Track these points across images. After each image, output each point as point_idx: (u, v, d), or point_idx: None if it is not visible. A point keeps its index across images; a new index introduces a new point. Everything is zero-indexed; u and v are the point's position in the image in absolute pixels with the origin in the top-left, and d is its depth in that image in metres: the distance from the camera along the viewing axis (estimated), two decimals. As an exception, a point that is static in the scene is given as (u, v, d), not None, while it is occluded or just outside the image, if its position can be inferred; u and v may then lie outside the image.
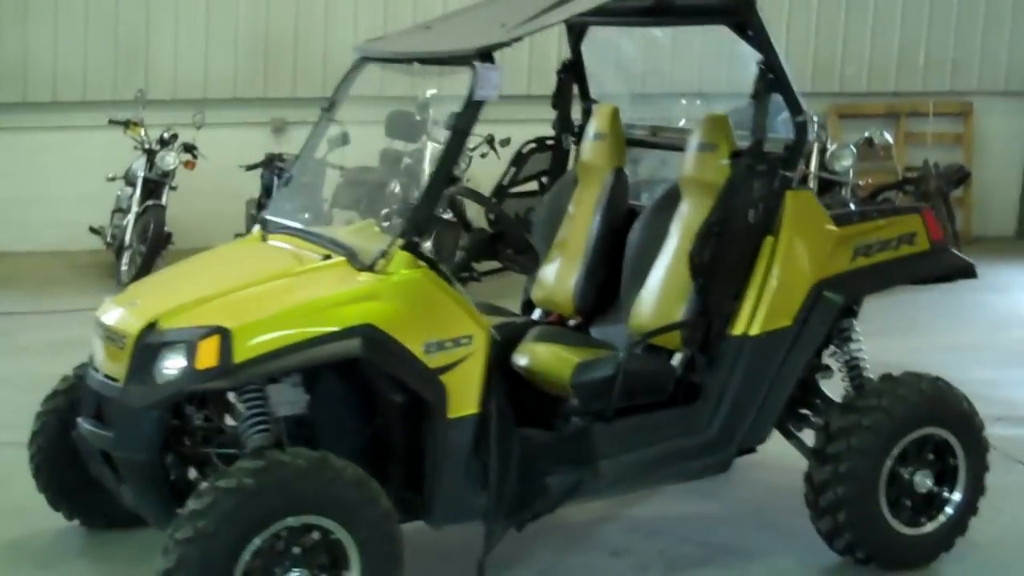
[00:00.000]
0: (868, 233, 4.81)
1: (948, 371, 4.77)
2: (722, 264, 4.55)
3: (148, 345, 4.04)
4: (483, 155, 9.99)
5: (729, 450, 4.63)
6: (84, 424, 4.36)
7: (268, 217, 4.91)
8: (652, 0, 4.83)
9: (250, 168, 9.75)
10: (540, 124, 10.03)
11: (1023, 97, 12.66)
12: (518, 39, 4.25)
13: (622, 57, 5.85)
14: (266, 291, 4.18)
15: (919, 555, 4.76)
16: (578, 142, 5.48)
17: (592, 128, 5.32)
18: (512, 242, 4.38)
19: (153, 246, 9.20)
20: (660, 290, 4.75)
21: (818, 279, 4.67)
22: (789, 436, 5.02)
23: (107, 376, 4.21)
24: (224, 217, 9.93)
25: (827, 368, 5.09)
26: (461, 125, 4.17)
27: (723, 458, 4.63)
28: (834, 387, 5.05)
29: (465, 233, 4.61)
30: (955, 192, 11.30)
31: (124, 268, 9.39)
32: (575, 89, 5.52)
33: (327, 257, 4.30)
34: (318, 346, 3.95)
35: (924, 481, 4.72)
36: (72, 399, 4.81)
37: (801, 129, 4.63)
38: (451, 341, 4.11)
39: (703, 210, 4.68)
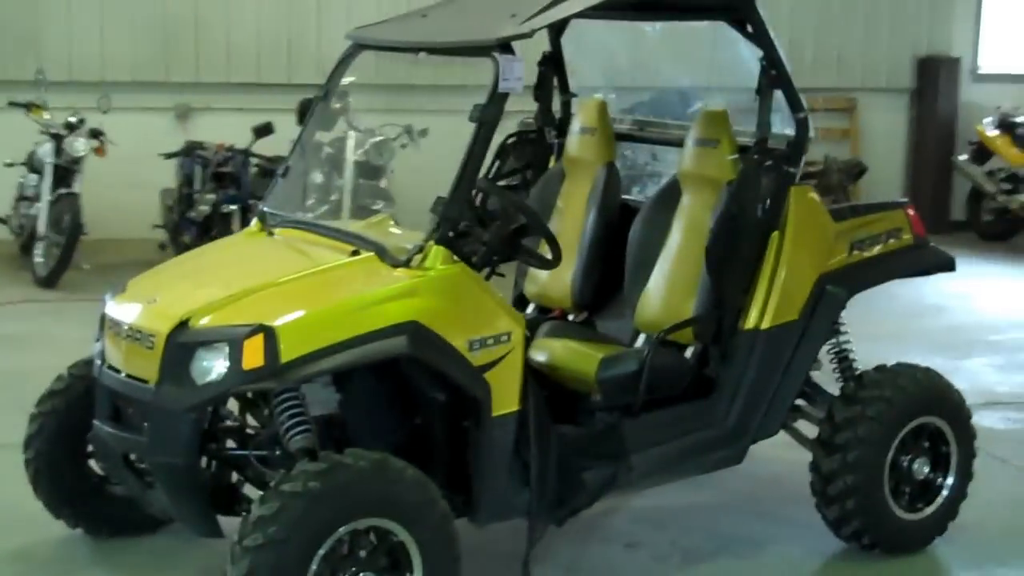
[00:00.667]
0: (861, 228, 4.94)
1: (880, 361, 4.95)
2: (736, 258, 4.61)
3: (183, 344, 3.90)
4: (403, 146, 9.99)
5: (744, 442, 4.71)
6: (103, 427, 4.21)
7: (268, 210, 4.81)
8: None
9: (168, 156, 9.47)
10: (454, 115, 10.07)
11: (901, 93, 13.13)
12: (535, 30, 4.21)
13: (601, 50, 5.85)
14: (300, 288, 4.06)
15: (917, 539, 4.91)
16: (559, 136, 5.51)
17: (578, 122, 5.33)
18: (540, 236, 4.36)
19: (71, 237, 8.87)
20: (668, 285, 4.80)
21: (821, 273, 4.78)
22: (785, 427, 5.13)
23: (131, 376, 4.06)
24: (135, 207, 9.64)
25: (817, 360, 5.20)
26: (487, 117, 4.11)
27: (738, 450, 4.72)
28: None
29: (483, 229, 4.56)
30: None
31: (39, 260, 9.05)
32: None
33: (355, 253, 4.21)
34: (365, 344, 3.87)
35: (922, 468, 4.88)
36: (69, 400, 4.67)
37: (802, 125, 4.72)
38: (492, 338, 4.07)
39: (706, 205, 4.75)
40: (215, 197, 9.25)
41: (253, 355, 3.80)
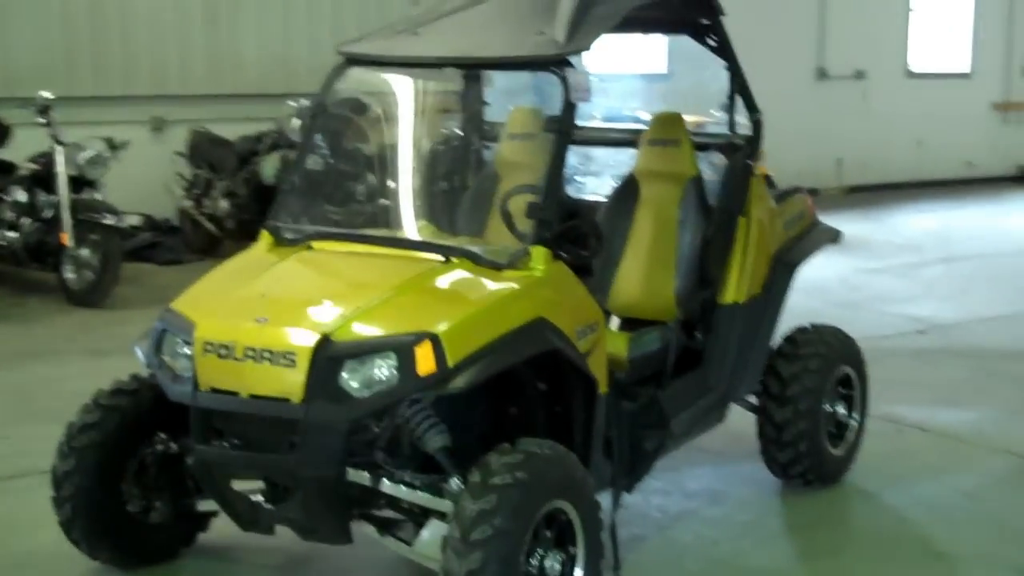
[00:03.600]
0: (786, 210, 5.79)
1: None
2: (723, 242, 5.30)
3: (334, 358, 4.00)
4: (105, 158, 9.85)
5: (728, 403, 5.42)
6: (209, 450, 4.21)
7: (279, 224, 4.86)
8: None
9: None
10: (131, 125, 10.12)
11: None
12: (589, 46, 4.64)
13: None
14: (427, 295, 4.25)
15: (840, 471, 5.82)
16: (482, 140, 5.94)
17: (512, 128, 5.77)
18: (592, 234, 4.78)
19: None
20: (644, 270, 5.36)
21: (773, 251, 5.57)
22: None
23: (257, 396, 4.08)
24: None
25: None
26: (564, 128, 4.52)
27: (725, 410, 5.41)
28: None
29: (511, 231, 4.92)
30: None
31: None
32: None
33: (446, 260, 4.44)
34: (513, 344, 4.13)
35: (840, 410, 5.80)
36: (107, 433, 4.57)
37: (757, 125, 5.49)
38: (589, 327, 4.48)
39: (672, 198, 5.36)
40: None
41: (426, 361, 3.97)
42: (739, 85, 5.38)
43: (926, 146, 17.31)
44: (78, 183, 9.66)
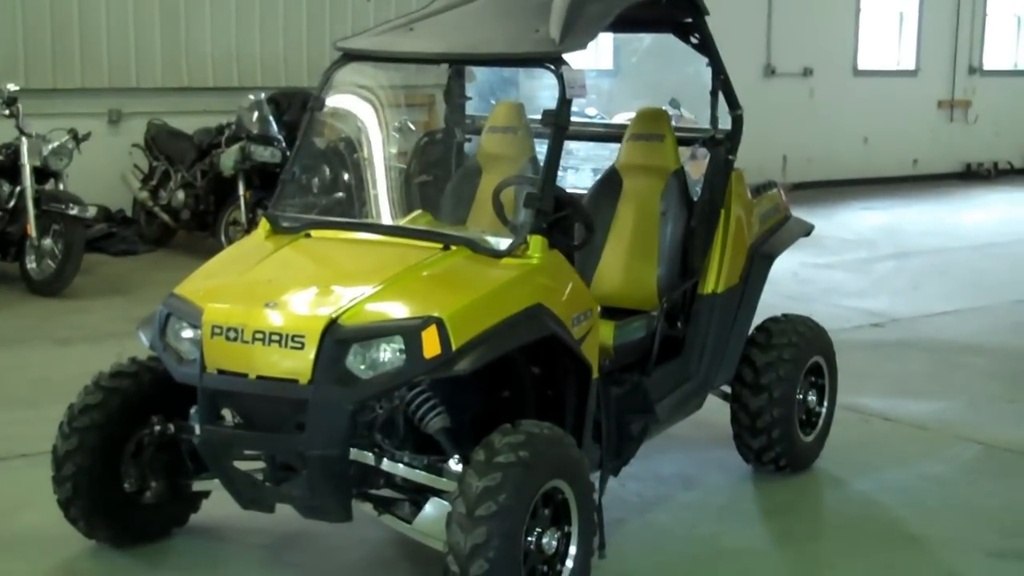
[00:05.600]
0: (761, 205, 5.94)
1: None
2: (705, 233, 5.45)
3: (341, 341, 4.11)
4: (69, 150, 9.88)
5: (708, 390, 5.56)
6: (226, 431, 4.33)
7: (279, 213, 4.96)
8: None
9: None
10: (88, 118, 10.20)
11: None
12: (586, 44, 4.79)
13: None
14: (428, 281, 4.35)
15: (811, 458, 5.99)
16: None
17: (495, 122, 5.88)
18: (582, 223, 4.90)
19: None
20: (626, 260, 5.49)
21: (750, 243, 5.73)
22: None
23: (264, 378, 4.17)
24: None
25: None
26: (560, 122, 4.63)
27: (704, 397, 5.56)
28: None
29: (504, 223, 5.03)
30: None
31: None
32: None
33: (445, 248, 4.55)
34: (513, 329, 4.26)
35: (811, 398, 5.96)
36: (109, 413, 4.66)
37: (737, 121, 5.64)
38: (583, 314, 4.62)
39: (654, 191, 5.51)
40: None
41: (432, 344, 4.08)
42: (721, 82, 5.52)
43: (872, 143, 17.63)
44: (41, 174, 9.71)
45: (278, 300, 4.29)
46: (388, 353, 4.11)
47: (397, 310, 4.20)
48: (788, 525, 5.46)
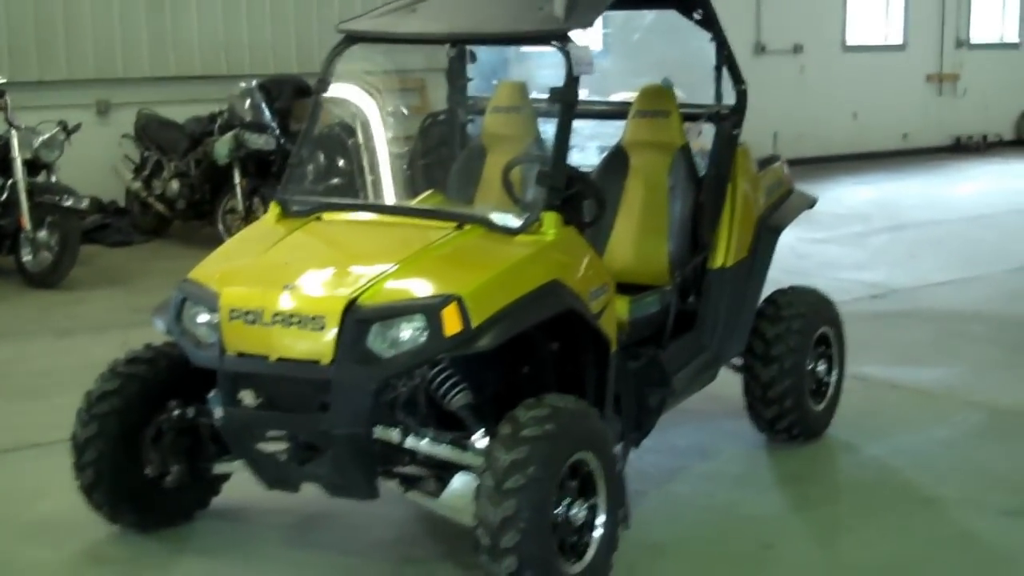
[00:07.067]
0: (766, 177, 5.97)
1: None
2: (714, 207, 5.48)
3: (362, 321, 4.13)
4: (60, 141, 9.90)
5: (720, 363, 5.59)
6: (249, 412, 4.35)
7: (288, 197, 4.97)
8: None
9: None
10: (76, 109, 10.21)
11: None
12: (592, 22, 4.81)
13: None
14: (445, 260, 4.37)
15: (822, 426, 6.03)
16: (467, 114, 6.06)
17: (498, 102, 5.90)
18: (593, 199, 4.92)
19: None
20: (638, 235, 5.51)
21: (758, 216, 5.76)
22: None
23: (285, 359, 4.19)
24: None
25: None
26: (568, 98, 4.65)
27: (717, 369, 5.59)
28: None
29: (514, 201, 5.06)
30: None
31: None
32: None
33: (459, 227, 4.57)
34: (531, 305, 4.28)
35: (820, 367, 6.00)
36: (128, 399, 4.67)
37: (742, 95, 5.66)
38: (599, 289, 4.65)
39: (662, 167, 5.54)
40: None
41: (452, 322, 4.11)
42: (725, 57, 5.54)
43: (862, 118, 17.66)
44: (33, 166, 9.71)
45: (296, 282, 4.30)
46: (409, 332, 4.13)
47: (416, 289, 4.22)
48: (804, 491, 5.51)
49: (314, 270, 4.41)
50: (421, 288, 4.22)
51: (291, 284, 4.29)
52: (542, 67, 7.89)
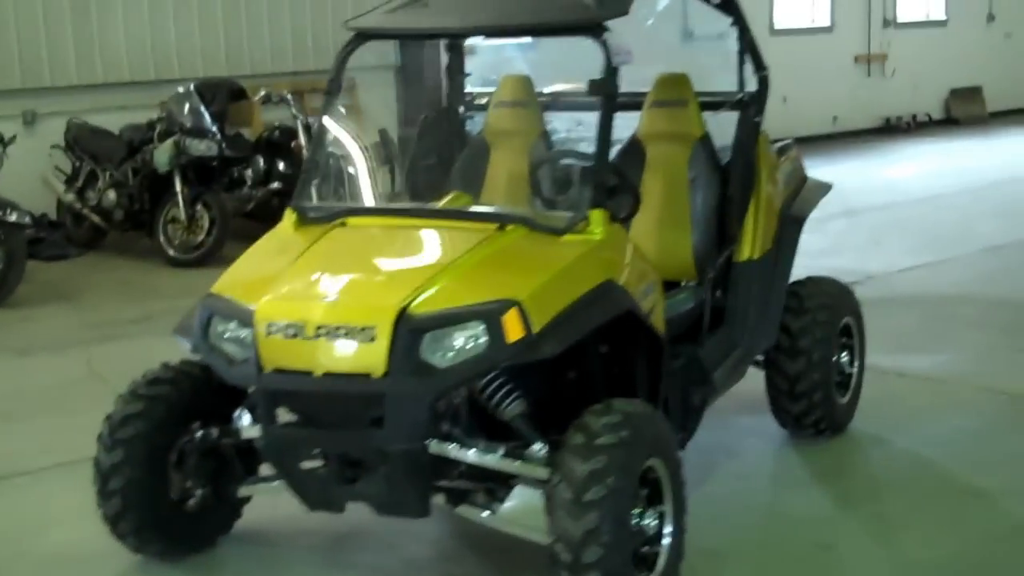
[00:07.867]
0: (784, 166, 5.80)
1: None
2: (741, 198, 5.29)
3: (415, 331, 3.89)
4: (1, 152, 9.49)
5: (752, 356, 5.42)
6: (292, 431, 4.12)
7: (305, 204, 4.71)
8: None
9: None
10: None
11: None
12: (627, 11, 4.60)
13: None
14: (494, 264, 4.14)
15: (847, 419, 5.88)
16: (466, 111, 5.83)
17: (502, 96, 5.67)
18: (628, 193, 4.70)
19: None
20: (660, 230, 5.31)
21: (780, 206, 5.58)
22: None
23: (332, 374, 3.93)
24: None
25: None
26: (609, 90, 4.46)
27: (748, 364, 5.41)
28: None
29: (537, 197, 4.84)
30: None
31: None
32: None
33: (500, 228, 4.33)
34: (590, 307, 4.08)
35: (845, 360, 5.85)
36: (154, 422, 4.41)
37: (763, 82, 5.49)
38: (648, 287, 4.47)
39: (681, 158, 5.36)
40: None
41: (514, 328, 3.88)
42: (747, 42, 5.36)
43: (791, 102, 17.58)
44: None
45: (338, 292, 4.05)
46: (468, 340, 3.90)
47: (469, 295, 3.98)
48: (843, 488, 5.36)
49: (355, 278, 4.15)
50: (474, 293, 3.98)
51: (333, 294, 4.04)
52: (539, 60, 7.58)
